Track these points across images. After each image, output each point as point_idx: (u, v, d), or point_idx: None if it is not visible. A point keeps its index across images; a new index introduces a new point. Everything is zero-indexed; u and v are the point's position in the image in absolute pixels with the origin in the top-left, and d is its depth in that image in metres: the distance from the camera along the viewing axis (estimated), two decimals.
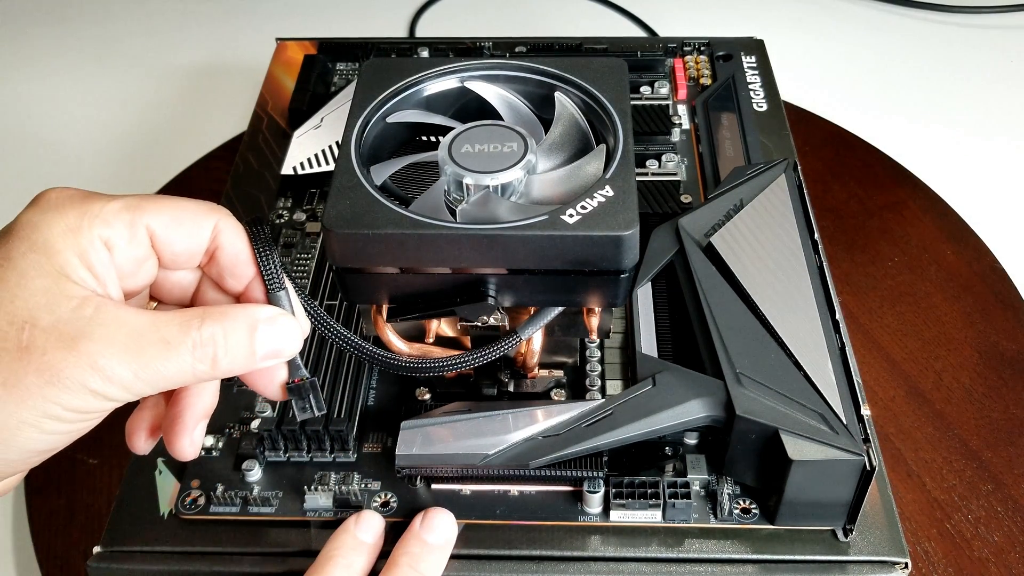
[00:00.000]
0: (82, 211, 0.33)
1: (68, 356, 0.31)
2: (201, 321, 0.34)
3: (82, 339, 0.32)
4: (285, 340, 0.36)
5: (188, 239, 0.36)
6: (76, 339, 0.32)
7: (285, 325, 0.36)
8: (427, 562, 0.41)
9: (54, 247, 0.32)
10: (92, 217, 0.33)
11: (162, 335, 0.33)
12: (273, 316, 0.36)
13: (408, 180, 0.46)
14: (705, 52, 0.72)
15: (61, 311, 0.32)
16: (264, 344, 0.36)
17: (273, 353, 0.36)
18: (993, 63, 0.91)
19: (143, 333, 0.33)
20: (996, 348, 0.63)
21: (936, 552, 0.52)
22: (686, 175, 0.61)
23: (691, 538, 0.43)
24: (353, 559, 0.41)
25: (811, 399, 0.42)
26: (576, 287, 0.42)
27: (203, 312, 0.34)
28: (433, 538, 0.42)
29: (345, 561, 0.41)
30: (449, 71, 0.48)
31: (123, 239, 0.34)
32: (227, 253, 0.37)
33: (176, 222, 0.35)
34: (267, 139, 0.67)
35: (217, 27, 0.99)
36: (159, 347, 0.33)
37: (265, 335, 0.35)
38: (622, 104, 0.46)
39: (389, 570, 0.41)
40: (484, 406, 0.45)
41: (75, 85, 0.92)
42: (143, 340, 0.33)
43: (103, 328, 0.32)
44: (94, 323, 0.32)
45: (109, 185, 0.80)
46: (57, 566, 0.53)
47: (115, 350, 0.32)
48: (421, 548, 0.42)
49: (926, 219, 0.73)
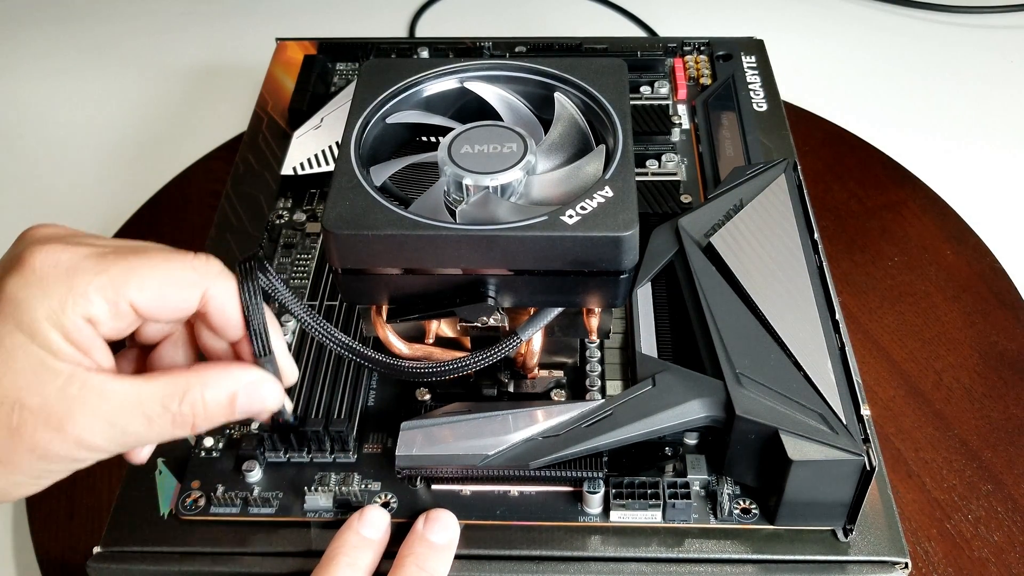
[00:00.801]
0: (67, 288, 0.33)
1: (55, 437, 0.33)
2: (183, 395, 0.35)
3: (68, 421, 0.33)
4: (264, 403, 0.38)
5: (173, 311, 0.36)
6: (63, 421, 0.33)
7: (267, 390, 0.37)
8: (433, 561, 0.41)
9: (39, 329, 0.33)
10: (77, 296, 0.33)
11: (144, 411, 0.34)
12: (255, 381, 0.37)
13: (408, 181, 0.46)
14: (705, 52, 0.72)
15: (48, 392, 0.33)
16: (243, 408, 0.37)
17: (251, 414, 0.38)
18: (993, 63, 0.91)
19: (126, 408, 0.34)
20: (996, 348, 0.63)
21: (936, 552, 0.52)
22: (686, 175, 0.61)
23: (691, 538, 0.43)
24: (358, 556, 0.41)
25: (811, 399, 0.42)
26: (576, 288, 0.42)
27: (186, 383, 0.35)
28: (437, 538, 0.42)
29: (349, 559, 0.41)
30: (449, 72, 0.48)
31: (106, 315, 0.34)
32: (216, 318, 0.37)
33: (160, 297, 0.35)
34: (267, 139, 0.67)
35: (217, 27, 0.99)
36: (141, 421, 0.34)
37: (245, 400, 0.37)
38: (622, 104, 0.46)
39: (395, 570, 0.41)
40: (484, 407, 0.46)
41: (75, 85, 0.92)
42: (125, 416, 0.34)
43: (88, 407, 0.33)
44: (79, 402, 0.33)
45: (109, 185, 0.80)
46: (57, 566, 0.53)
47: (99, 428, 0.34)
48: (427, 548, 0.42)
49: (926, 219, 0.73)
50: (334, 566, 0.40)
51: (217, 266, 0.36)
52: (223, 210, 0.61)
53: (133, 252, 0.35)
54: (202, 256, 0.36)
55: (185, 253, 0.36)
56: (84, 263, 0.34)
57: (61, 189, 0.80)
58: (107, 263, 0.34)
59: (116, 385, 0.34)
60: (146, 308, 0.34)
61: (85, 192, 0.80)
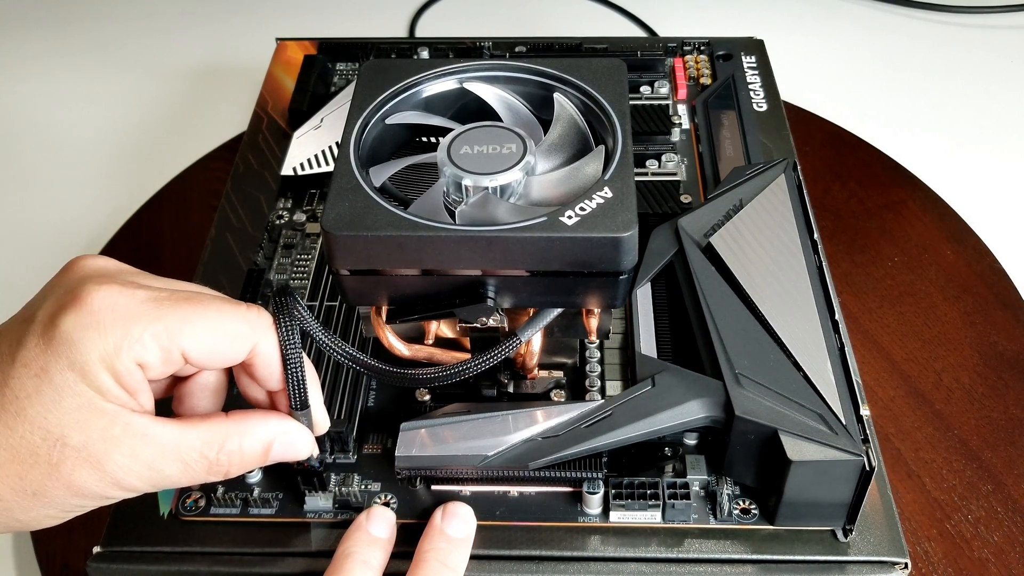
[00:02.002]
0: (124, 332, 0.33)
1: (93, 475, 0.34)
2: (222, 444, 0.36)
3: (107, 461, 0.34)
4: (297, 453, 0.39)
5: (221, 360, 0.36)
6: (102, 461, 0.34)
7: (300, 441, 0.39)
8: (454, 556, 0.41)
9: (91, 370, 0.33)
10: (132, 341, 0.33)
11: (183, 456, 0.35)
12: (290, 431, 0.38)
13: (407, 182, 0.46)
14: (705, 52, 0.72)
15: (92, 431, 0.33)
16: (276, 456, 0.38)
17: (283, 459, 0.39)
18: (993, 63, 0.91)
19: (165, 453, 0.35)
20: (996, 348, 0.63)
21: (936, 552, 0.52)
22: (686, 175, 0.61)
23: (691, 538, 0.43)
24: (369, 555, 0.41)
25: (810, 399, 0.42)
26: (575, 288, 0.42)
27: (224, 432, 0.36)
28: (456, 531, 0.42)
29: (362, 557, 0.41)
30: (448, 72, 0.48)
31: (157, 361, 0.34)
32: (260, 371, 0.38)
33: (212, 348, 0.35)
34: (267, 139, 0.67)
35: (217, 27, 0.99)
36: (178, 466, 0.35)
37: (279, 449, 0.38)
38: (621, 105, 0.46)
39: (417, 567, 0.41)
40: (484, 407, 0.46)
41: (75, 85, 0.92)
42: (164, 460, 0.35)
43: (128, 449, 0.34)
44: (120, 444, 0.34)
45: (109, 185, 0.80)
46: (57, 566, 0.53)
47: (137, 470, 0.34)
48: (447, 543, 0.42)
49: (926, 219, 0.73)
50: (350, 563, 0.40)
51: (268, 320, 0.37)
52: (223, 210, 0.61)
53: (188, 300, 0.35)
54: (254, 308, 0.37)
55: (238, 304, 0.36)
56: (141, 308, 0.34)
57: (61, 189, 0.80)
58: (163, 310, 0.34)
59: (158, 429, 0.35)
60: (197, 357, 0.35)
61: (85, 192, 0.80)
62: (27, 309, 0.35)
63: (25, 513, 0.34)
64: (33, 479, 0.33)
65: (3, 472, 0.33)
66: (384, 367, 0.42)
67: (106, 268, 0.36)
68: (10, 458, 0.33)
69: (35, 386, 0.33)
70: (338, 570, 0.40)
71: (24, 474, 0.33)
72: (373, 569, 0.41)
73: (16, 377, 0.33)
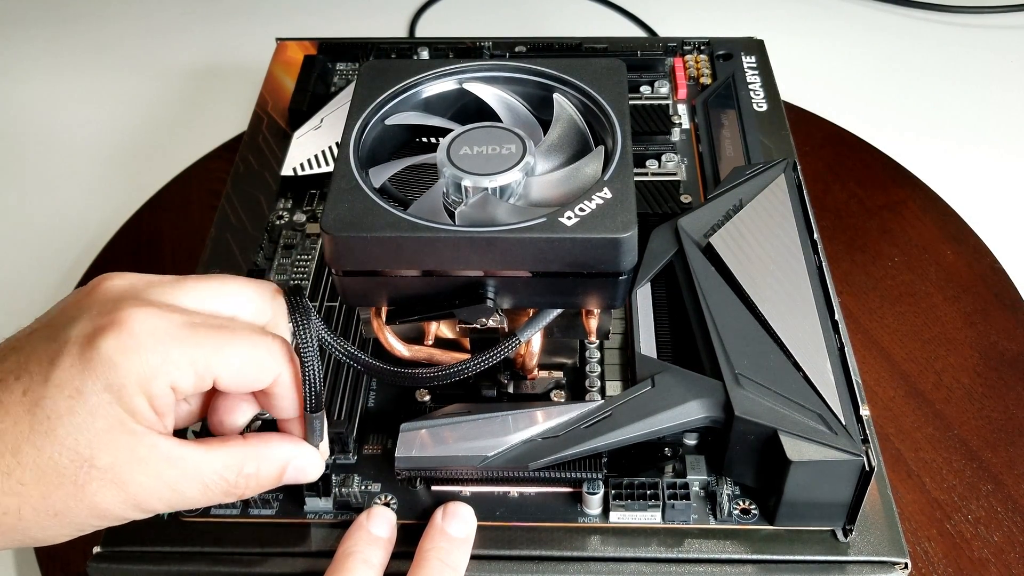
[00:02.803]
0: (163, 357, 0.34)
1: (117, 496, 0.34)
2: (240, 468, 0.37)
3: (132, 483, 0.34)
4: (308, 475, 0.40)
5: (248, 387, 0.37)
6: (127, 483, 0.34)
7: (312, 464, 0.40)
8: (455, 555, 0.42)
9: (127, 393, 0.34)
10: (170, 366, 0.34)
11: (203, 479, 0.36)
12: (303, 455, 0.40)
13: (407, 182, 0.46)
14: (705, 52, 0.72)
15: (120, 452, 0.34)
16: (289, 479, 0.40)
17: (294, 482, 0.40)
18: (993, 63, 0.91)
19: (187, 475, 0.36)
20: (996, 348, 0.63)
21: (936, 552, 0.52)
22: (686, 175, 0.61)
23: (691, 538, 0.43)
24: (370, 554, 0.41)
25: (810, 400, 0.42)
26: (575, 289, 0.42)
27: (243, 456, 0.38)
28: (456, 531, 0.42)
29: (363, 556, 0.41)
30: (448, 72, 0.48)
31: (189, 385, 0.35)
32: (278, 399, 0.39)
33: (241, 375, 0.36)
34: (267, 139, 0.67)
35: (217, 27, 0.99)
36: (198, 488, 0.36)
37: (292, 472, 0.40)
38: (620, 105, 0.46)
39: (419, 566, 0.41)
40: (484, 408, 0.46)
41: (75, 85, 0.92)
42: (186, 481, 0.36)
43: (152, 470, 0.35)
44: (147, 465, 0.34)
45: (109, 185, 0.80)
46: (57, 566, 0.53)
47: (159, 491, 0.35)
48: (448, 543, 0.42)
49: (926, 219, 0.73)
50: (351, 562, 0.40)
51: (289, 350, 0.38)
52: (223, 210, 0.61)
53: (221, 328, 0.36)
54: (279, 339, 0.38)
55: (266, 334, 0.37)
56: (180, 332, 0.35)
57: (61, 189, 0.80)
58: (200, 337, 0.35)
59: (182, 451, 0.35)
60: (227, 383, 0.36)
61: (85, 192, 0.80)
62: (51, 328, 0.35)
63: (42, 532, 0.35)
64: (57, 499, 0.34)
65: (27, 492, 0.33)
66: (383, 366, 0.42)
67: (136, 286, 0.36)
68: (36, 478, 0.33)
69: (68, 407, 0.33)
70: (339, 569, 0.40)
71: (48, 494, 0.33)
72: (374, 568, 0.41)
73: (49, 397, 0.33)
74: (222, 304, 0.38)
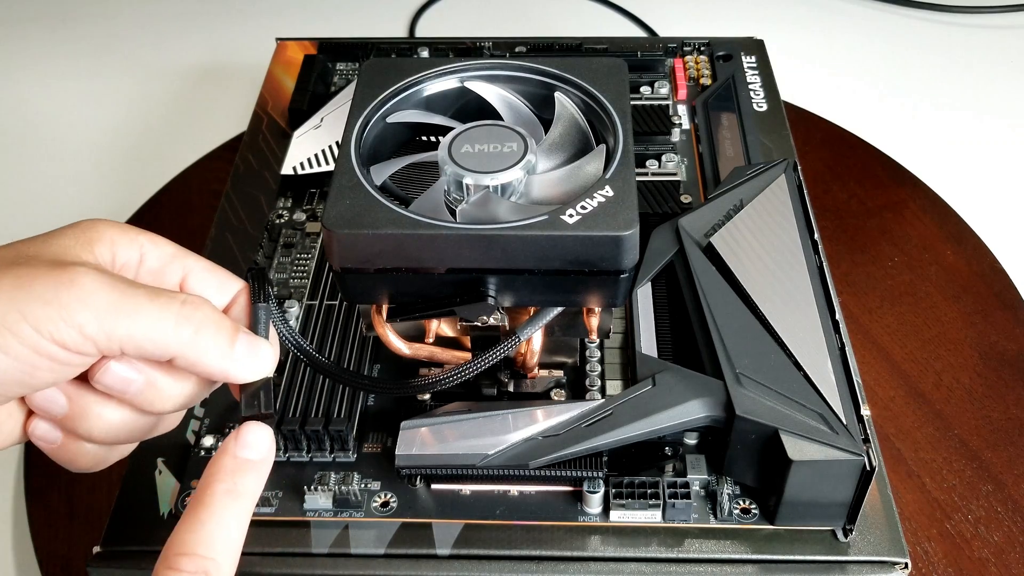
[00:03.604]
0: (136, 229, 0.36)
1: (52, 270, 0.32)
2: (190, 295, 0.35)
3: (73, 265, 0.33)
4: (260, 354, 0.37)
5: (215, 292, 0.38)
6: (66, 263, 0.33)
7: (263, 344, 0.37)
8: (246, 480, 0.36)
9: (95, 228, 0.35)
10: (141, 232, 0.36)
11: (154, 288, 0.34)
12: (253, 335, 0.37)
13: (408, 180, 0.46)
14: (705, 52, 0.72)
15: (67, 257, 0.34)
16: (242, 345, 0.36)
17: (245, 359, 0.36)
18: (993, 63, 0.91)
19: (135, 283, 0.34)
20: (996, 348, 0.63)
21: (936, 552, 0.52)
22: (686, 175, 0.61)
23: (691, 538, 0.43)
24: (237, 481, 0.35)
25: (811, 399, 0.42)
26: (576, 287, 0.42)
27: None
28: (248, 453, 0.36)
29: (226, 486, 0.35)
30: (449, 71, 0.48)
31: (158, 260, 0.36)
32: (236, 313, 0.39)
33: (211, 270, 0.38)
34: (267, 139, 0.67)
35: (217, 27, 0.99)
36: (148, 292, 0.34)
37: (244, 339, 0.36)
38: (622, 104, 0.46)
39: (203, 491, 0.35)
40: (484, 406, 0.46)
41: (75, 85, 0.92)
42: (133, 283, 0.34)
43: (97, 267, 0.33)
44: (90, 265, 0.34)
45: (109, 185, 0.80)
46: (57, 566, 0.53)
47: (103, 278, 0.33)
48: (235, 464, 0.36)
49: (926, 219, 0.73)
50: (209, 496, 0.34)
51: None
52: (223, 210, 0.61)
53: None
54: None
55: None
56: None
57: (61, 189, 0.80)
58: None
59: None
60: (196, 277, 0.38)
61: (85, 192, 0.80)
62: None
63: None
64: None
65: None
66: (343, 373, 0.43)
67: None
68: None
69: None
70: (200, 502, 0.34)
71: None
72: (243, 497, 0.35)
73: None
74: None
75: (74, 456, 0.38)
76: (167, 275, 0.38)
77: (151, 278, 0.37)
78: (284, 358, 0.49)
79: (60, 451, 0.37)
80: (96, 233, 0.36)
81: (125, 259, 0.36)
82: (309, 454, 0.47)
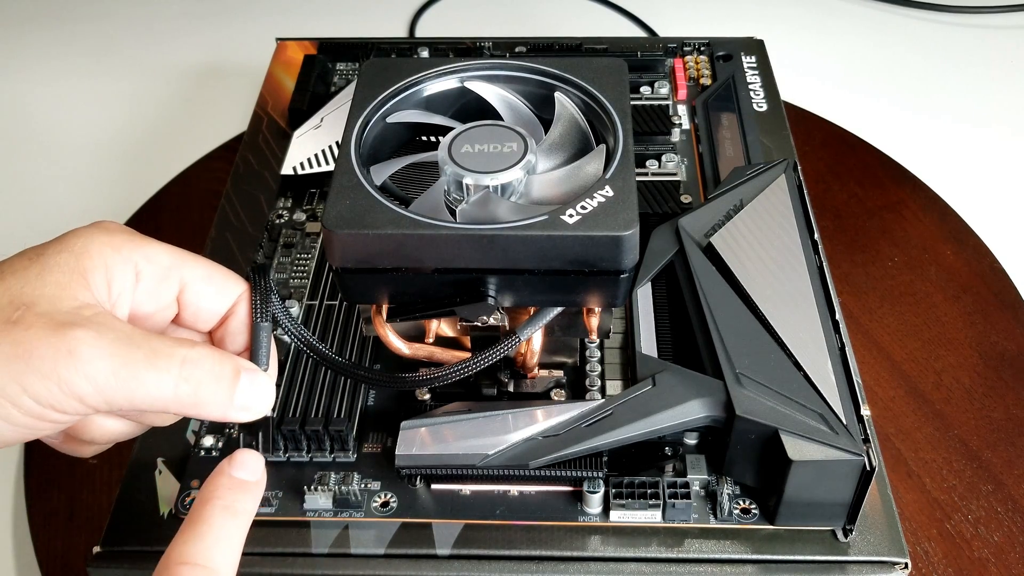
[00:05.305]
0: (131, 240, 0.35)
1: (50, 337, 0.32)
2: (193, 344, 0.35)
3: (71, 327, 0.32)
4: (261, 397, 0.38)
5: (214, 300, 0.38)
6: (64, 325, 0.32)
7: (265, 384, 0.38)
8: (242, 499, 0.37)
9: (88, 252, 0.34)
10: (136, 247, 0.35)
11: (152, 346, 0.34)
12: (255, 371, 0.38)
13: (408, 180, 0.46)
14: (705, 52, 0.72)
15: (63, 305, 0.33)
16: (242, 393, 0.37)
17: (247, 406, 0.37)
18: (993, 63, 0.91)
19: (134, 339, 0.34)
20: (996, 348, 0.63)
21: (936, 552, 0.52)
22: (686, 175, 0.61)
23: (691, 538, 0.43)
24: (234, 499, 0.37)
25: (811, 399, 0.42)
26: (576, 287, 0.42)
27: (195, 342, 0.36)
28: (243, 474, 0.38)
29: (224, 503, 0.36)
30: (449, 71, 0.48)
31: (154, 277, 0.35)
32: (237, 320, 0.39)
33: (208, 279, 0.38)
34: (267, 139, 0.67)
35: (217, 27, 0.99)
36: (147, 354, 0.34)
37: (245, 384, 0.37)
38: (622, 104, 0.46)
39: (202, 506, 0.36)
40: (484, 406, 0.45)
41: (75, 85, 0.92)
42: (132, 344, 0.33)
43: (95, 325, 0.33)
44: (88, 320, 0.33)
45: (109, 185, 0.80)
46: (57, 566, 0.53)
47: (102, 344, 0.33)
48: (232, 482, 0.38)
49: (926, 219, 0.73)
50: (208, 510, 0.36)
51: None
52: (223, 210, 0.61)
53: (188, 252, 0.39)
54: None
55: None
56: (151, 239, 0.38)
57: (61, 189, 0.80)
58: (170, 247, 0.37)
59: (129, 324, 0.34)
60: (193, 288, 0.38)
61: (85, 192, 0.80)
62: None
63: None
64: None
65: None
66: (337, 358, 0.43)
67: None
68: None
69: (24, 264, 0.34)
70: (199, 516, 0.36)
71: None
72: (240, 515, 0.36)
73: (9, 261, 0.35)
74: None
75: (75, 449, 0.39)
76: (163, 293, 0.38)
77: (147, 298, 0.37)
78: (284, 358, 0.49)
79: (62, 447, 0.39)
80: (90, 261, 0.35)
81: (120, 286, 0.36)
82: (309, 454, 0.47)
